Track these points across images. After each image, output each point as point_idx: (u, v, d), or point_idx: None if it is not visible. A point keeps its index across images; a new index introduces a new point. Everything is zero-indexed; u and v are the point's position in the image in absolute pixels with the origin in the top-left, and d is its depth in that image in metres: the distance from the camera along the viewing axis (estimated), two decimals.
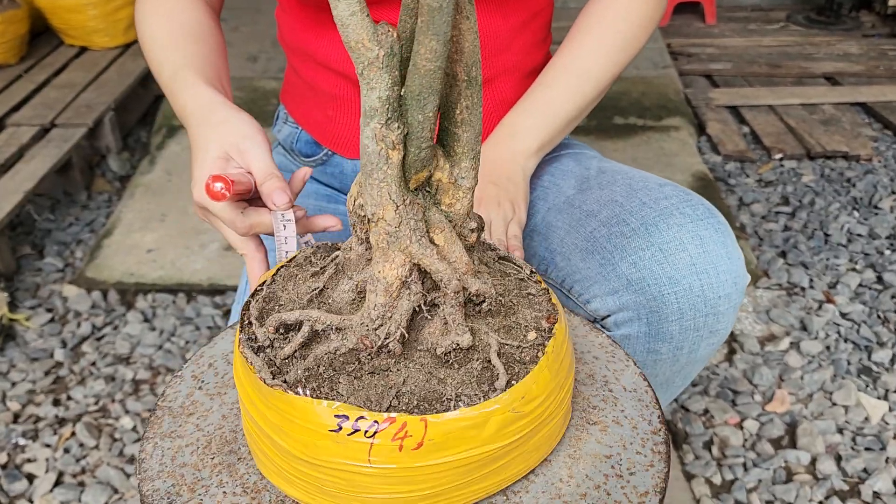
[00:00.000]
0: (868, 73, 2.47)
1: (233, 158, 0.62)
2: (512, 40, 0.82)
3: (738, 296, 0.66)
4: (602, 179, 0.77)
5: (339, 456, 0.41)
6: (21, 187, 1.64)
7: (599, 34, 0.79)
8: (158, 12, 0.79)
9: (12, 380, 1.34)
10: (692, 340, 0.67)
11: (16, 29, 2.20)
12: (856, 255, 1.65)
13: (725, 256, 0.65)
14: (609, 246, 0.68)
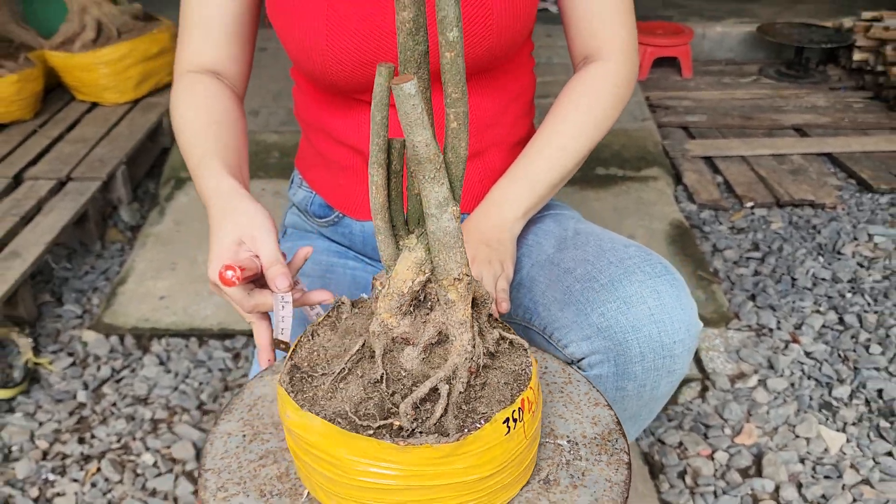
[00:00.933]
0: (834, 124, 2.63)
1: (245, 244, 0.73)
2: (500, 117, 0.95)
3: (691, 341, 0.79)
4: (577, 240, 0.89)
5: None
6: (42, 239, 1.76)
7: (576, 117, 0.92)
8: (191, 100, 0.90)
9: (39, 420, 1.45)
10: (653, 379, 0.79)
11: (31, 87, 2.33)
12: (820, 297, 1.79)
13: (679, 308, 0.77)
14: (582, 299, 0.80)
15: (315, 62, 0.86)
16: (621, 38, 0.93)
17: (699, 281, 1.82)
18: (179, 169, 2.28)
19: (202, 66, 0.93)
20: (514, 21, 0.86)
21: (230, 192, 0.78)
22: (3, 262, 1.67)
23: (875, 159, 2.38)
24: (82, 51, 2.37)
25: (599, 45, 0.93)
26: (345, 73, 0.85)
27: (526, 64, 0.99)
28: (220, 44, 0.92)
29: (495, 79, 0.92)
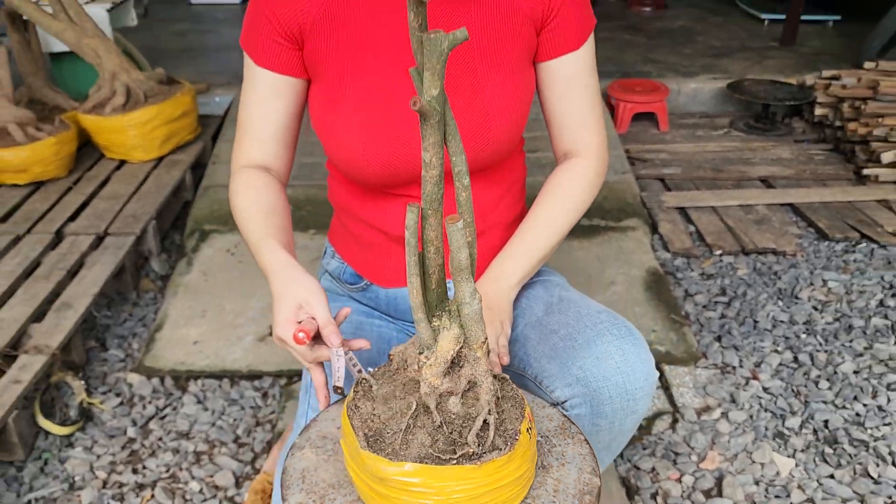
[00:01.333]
0: (797, 176, 2.89)
1: (303, 308, 0.95)
2: (497, 203, 1.19)
3: (649, 387, 1.02)
4: (561, 306, 1.13)
5: None
6: (89, 291, 1.98)
7: (559, 205, 1.15)
8: (248, 192, 1.11)
9: (97, 453, 1.66)
10: (620, 418, 1.02)
11: (67, 148, 2.56)
12: (778, 338, 2.02)
13: (640, 362, 1.00)
14: (564, 355, 1.04)
15: (351, 167, 1.09)
16: (595, 142, 1.17)
17: (672, 324, 2.06)
18: (203, 222, 2.51)
19: (255, 163, 1.15)
20: (512, 129, 1.10)
21: (288, 265, 1.01)
22: (57, 312, 1.89)
23: (832, 209, 2.64)
24: (113, 114, 2.60)
25: (578, 146, 1.17)
26: (376, 176, 1.09)
27: (519, 156, 1.23)
28: (269, 146, 1.15)
29: (495, 173, 1.16)
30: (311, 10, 1.05)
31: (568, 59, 1.11)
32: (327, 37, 1.05)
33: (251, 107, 1.12)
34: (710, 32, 4.49)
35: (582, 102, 1.15)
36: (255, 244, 1.06)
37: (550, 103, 1.15)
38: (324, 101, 1.08)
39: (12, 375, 1.66)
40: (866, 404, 1.78)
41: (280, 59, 1.08)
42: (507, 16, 1.06)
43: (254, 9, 1.08)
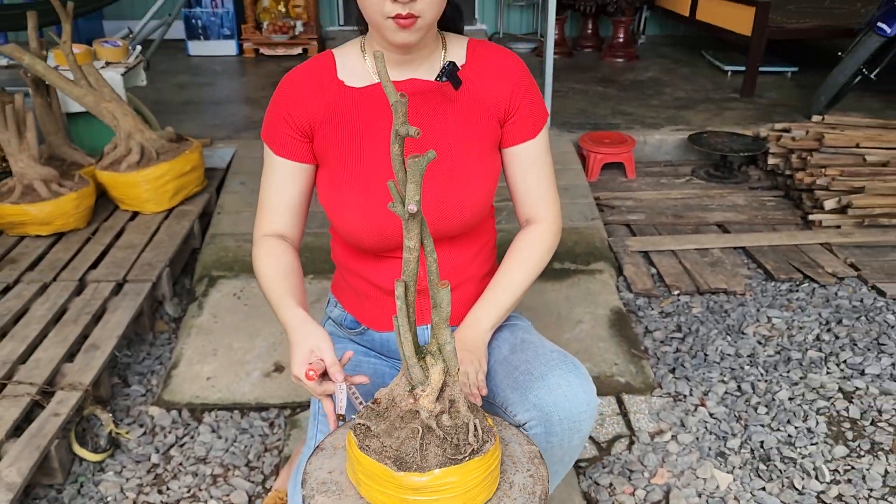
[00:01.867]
0: (750, 221, 3.19)
1: (314, 352, 1.21)
2: (471, 261, 1.45)
3: (591, 411, 1.27)
4: (523, 346, 1.39)
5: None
6: (113, 333, 2.23)
7: (523, 264, 1.39)
8: (268, 259, 1.36)
9: (125, 476, 1.89)
10: (568, 436, 1.27)
11: (87, 202, 2.82)
12: (725, 370, 2.29)
13: (582, 392, 1.26)
14: (524, 387, 1.29)
15: (351, 236, 1.36)
16: (553, 211, 1.43)
17: (632, 358, 2.32)
18: (210, 268, 2.76)
19: (273, 232, 1.41)
20: (481, 203, 1.37)
21: (303, 320, 1.27)
22: (87, 353, 2.13)
23: (779, 252, 2.93)
24: (128, 171, 2.87)
25: (537, 214, 1.43)
26: (370, 243, 1.35)
27: (489, 221, 1.49)
28: (285, 219, 1.41)
29: (469, 237, 1.43)
30: (319, 111, 1.32)
31: (526, 145, 1.39)
32: (332, 133, 1.33)
33: (271, 187, 1.39)
34: (676, 84, 4.83)
35: (539, 180, 1.42)
36: (275, 302, 1.32)
37: (514, 181, 1.43)
38: (329, 183, 1.35)
39: (52, 409, 1.90)
40: (797, 427, 2.04)
41: (294, 150, 1.35)
42: (477, 113, 1.34)
43: (273, 109, 1.36)
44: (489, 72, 1.35)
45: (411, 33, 1.21)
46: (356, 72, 1.33)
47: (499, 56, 1.37)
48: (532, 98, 1.38)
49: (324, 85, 1.32)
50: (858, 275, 2.78)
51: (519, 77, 1.36)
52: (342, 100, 1.32)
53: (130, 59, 3.42)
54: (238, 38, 5.72)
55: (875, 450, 1.97)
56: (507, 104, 1.35)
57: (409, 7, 1.17)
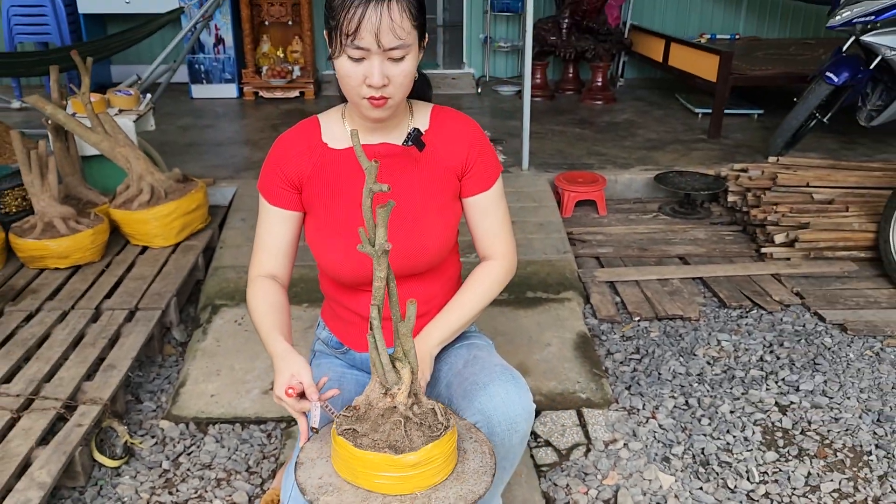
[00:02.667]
0: (708, 254, 3.48)
1: (294, 377, 1.37)
2: (437, 293, 1.71)
3: (526, 414, 1.52)
4: (474, 361, 1.64)
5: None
6: (128, 355, 2.49)
7: (477, 294, 1.65)
8: (260, 296, 1.56)
9: (140, 480, 2.15)
10: (508, 435, 1.51)
11: (101, 237, 3.10)
12: (675, 387, 2.56)
13: (518, 399, 1.51)
14: (471, 395, 1.54)
15: (334, 271, 1.62)
16: (506, 249, 1.69)
17: (593, 376, 2.59)
18: (214, 297, 3.04)
19: (266, 272, 1.61)
20: (443, 246, 1.64)
21: (287, 351, 1.45)
22: (104, 373, 2.39)
23: (733, 282, 3.21)
24: (139, 209, 3.15)
25: (495, 252, 1.69)
26: (350, 277, 1.61)
27: (453, 258, 1.76)
28: (277, 260, 1.61)
29: (434, 272, 1.68)
30: (306, 169, 1.58)
31: (482, 195, 1.65)
32: (318, 187, 1.59)
33: (265, 232, 1.61)
34: (649, 126, 5.16)
35: (495, 223, 1.68)
36: (264, 335, 1.53)
37: (472, 224, 1.69)
38: (314, 228, 1.61)
39: (75, 421, 2.16)
40: (735, 436, 2.31)
41: (286, 200, 1.60)
42: (438, 171, 1.61)
43: (268, 166, 1.61)
44: (449, 135, 1.62)
45: (383, 111, 1.48)
46: (337, 136, 1.61)
47: (457, 122, 1.64)
48: (485, 157, 1.64)
49: (311, 147, 1.60)
50: (803, 302, 3.07)
51: (473, 139, 1.63)
52: (326, 160, 1.59)
53: (141, 107, 3.72)
54: (239, 82, 6.05)
55: (802, 455, 2.23)
56: (464, 162, 1.62)
57: (381, 91, 1.43)
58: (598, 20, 5.80)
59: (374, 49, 1.39)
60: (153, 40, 5.52)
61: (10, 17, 5.57)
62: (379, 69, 1.41)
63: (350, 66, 1.43)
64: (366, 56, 1.41)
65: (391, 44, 1.39)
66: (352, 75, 1.43)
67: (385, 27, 1.38)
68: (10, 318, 2.69)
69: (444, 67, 6.93)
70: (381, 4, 1.37)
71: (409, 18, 1.41)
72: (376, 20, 1.37)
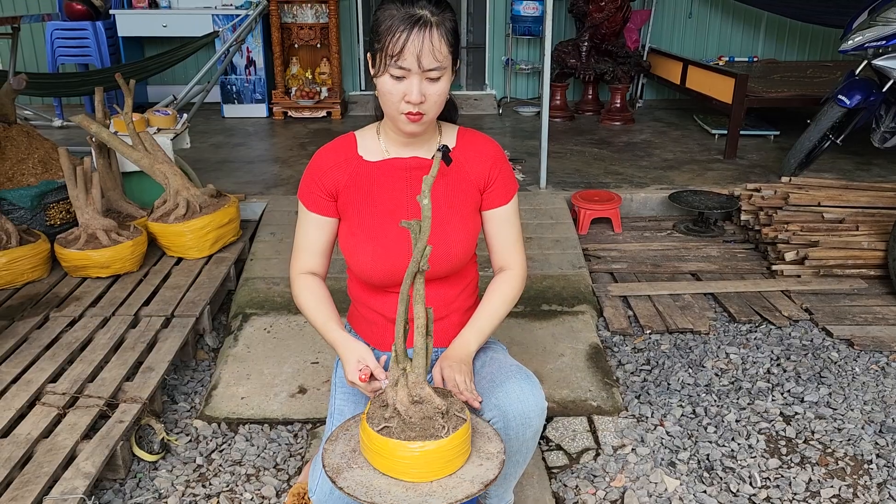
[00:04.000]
0: (720, 270, 3.58)
1: (360, 361, 1.59)
2: (456, 297, 1.86)
3: (539, 411, 1.65)
4: (490, 363, 1.78)
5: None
6: (165, 359, 2.65)
7: (500, 302, 1.79)
8: (307, 293, 1.75)
9: (176, 474, 2.30)
10: (522, 430, 1.64)
11: (140, 248, 3.28)
12: (683, 396, 2.67)
13: (532, 396, 1.64)
14: (488, 392, 1.67)
15: (364, 275, 1.78)
16: (520, 261, 1.84)
17: (604, 385, 2.70)
18: (244, 306, 3.20)
19: (307, 270, 1.79)
20: (465, 252, 1.78)
21: (347, 338, 1.65)
22: (143, 374, 2.55)
23: (743, 298, 3.31)
24: (175, 223, 3.33)
25: (511, 262, 1.83)
26: (381, 280, 1.77)
27: (472, 265, 1.91)
28: (316, 259, 1.79)
29: (455, 277, 1.84)
30: (343, 179, 1.75)
31: (500, 209, 1.81)
32: (353, 195, 1.75)
33: (305, 234, 1.79)
34: (666, 146, 5.27)
35: (511, 235, 1.83)
36: (321, 327, 1.72)
37: (491, 235, 1.84)
38: (347, 234, 1.78)
39: (116, 417, 2.32)
40: (740, 443, 2.41)
41: (323, 207, 1.77)
42: (463, 185, 1.77)
43: (308, 176, 1.78)
44: (473, 153, 1.78)
45: (418, 126, 1.64)
46: (372, 149, 1.77)
47: (481, 141, 1.81)
48: (505, 175, 1.81)
49: (348, 159, 1.76)
50: (811, 318, 3.16)
51: (496, 157, 1.80)
52: (361, 171, 1.75)
53: (178, 126, 3.92)
54: (268, 102, 6.27)
55: (804, 462, 2.33)
56: (487, 177, 1.78)
57: (418, 107, 1.60)
58: (617, 43, 5.95)
59: (415, 69, 1.56)
60: (188, 62, 5.76)
61: (53, 39, 5.84)
62: (418, 87, 1.58)
63: (392, 83, 1.59)
64: (406, 76, 1.58)
65: (430, 65, 1.57)
66: (393, 92, 1.60)
67: (426, 50, 1.55)
68: (55, 324, 2.86)
69: (466, 89, 7.11)
70: (424, 30, 1.55)
71: (446, 44, 1.59)
72: (419, 44, 1.55)
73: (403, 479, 1.42)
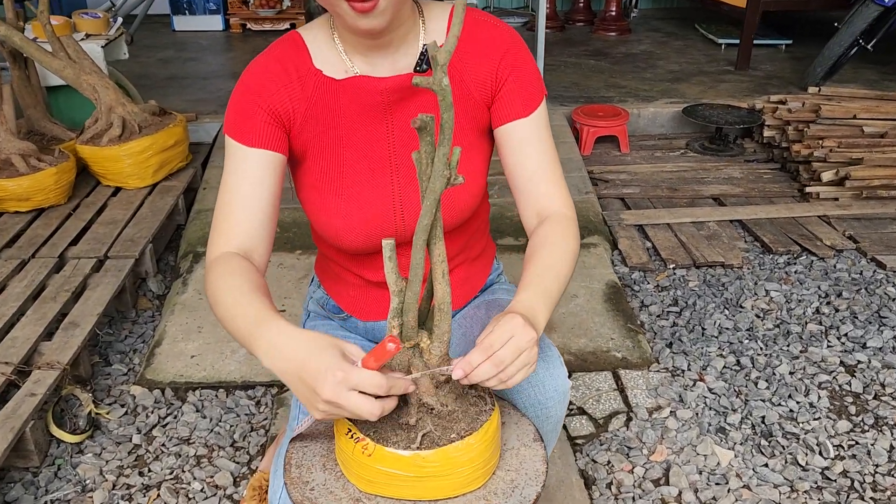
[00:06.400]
0: (746, 194, 3.13)
1: (346, 358, 0.91)
2: (465, 245, 1.34)
3: (560, 396, 1.17)
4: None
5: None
6: (94, 311, 2.15)
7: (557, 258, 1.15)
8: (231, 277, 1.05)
9: (105, 458, 1.83)
10: (538, 423, 1.18)
11: (67, 177, 2.73)
12: (723, 344, 2.24)
13: (549, 376, 1.17)
14: None
15: (336, 240, 1.23)
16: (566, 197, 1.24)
17: (628, 332, 2.26)
18: (195, 244, 2.69)
19: (237, 248, 1.12)
20: (474, 201, 1.26)
21: (315, 334, 0.94)
22: (65, 331, 2.06)
23: (776, 225, 2.87)
24: (109, 145, 2.78)
25: (550, 204, 1.23)
26: (353, 246, 1.23)
27: (482, 206, 1.39)
28: (254, 228, 1.13)
29: (460, 226, 1.33)
30: (300, 104, 1.17)
31: (519, 124, 1.21)
32: (314, 129, 1.19)
33: (237, 191, 1.13)
34: (669, 57, 4.75)
35: (541, 164, 1.22)
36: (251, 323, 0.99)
37: (510, 166, 1.23)
38: (308, 185, 1.23)
39: (27, 389, 1.83)
40: (799, 401, 1.99)
41: (272, 138, 1.15)
42: (462, 100, 1.21)
43: (243, 99, 1.15)
44: (473, 50, 1.21)
45: (373, 18, 1.05)
46: (331, 60, 1.19)
47: (485, 31, 1.22)
48: (523, 72, 1.22)
49: (301, 75, 1.17)
50: (857, 247, 2.73)
51: (506, 50, 1.21)
52: (322, 92, 1.18)
53: (111, 32, 3.31)
54: (224, 14, 5.60)
55: (879, 424, 1.92)
56: (494, 81, 1.21)
57: None
58: None
59: None
60: None
61: None
62: None
63: None
64: None
65: None
66: None
67: None
68: None
69: None
70: None
71: None
72: None
73: (396, 497, 0.98)
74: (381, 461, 0.96)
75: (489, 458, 1.00)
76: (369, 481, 0.98)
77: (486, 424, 0.99)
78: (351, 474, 1.00)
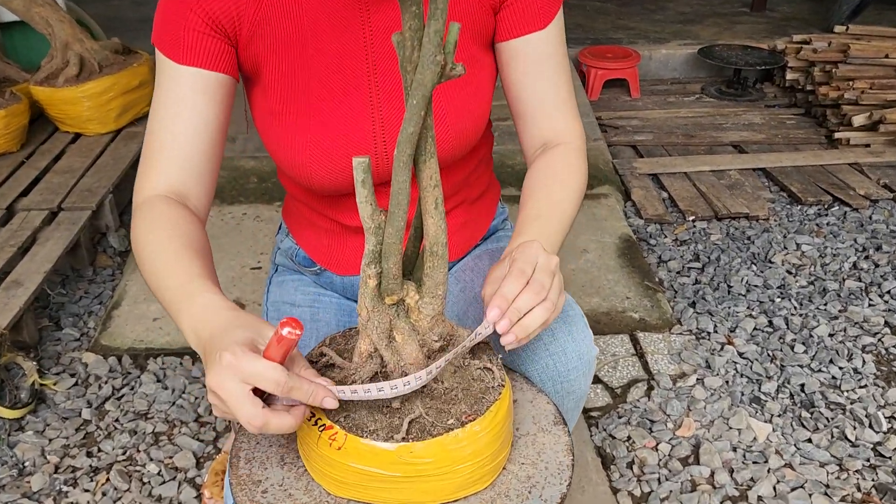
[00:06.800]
0: (768, 140, 2.86)
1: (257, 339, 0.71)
2: (464, 183, 1.09)
3: (584, 366, 0.94)
4: None
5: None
6: (41, 268, 1.89)
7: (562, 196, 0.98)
8: (158, 225, 0.86)
9: (49, 437, 1.58)
10: (559, 400, 0.94)
11: (18, 121, 2.45)
12: (752, 303, 1.99)
13: (571, 341, 0.93)
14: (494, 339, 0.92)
15: (301, 178, 0.98)
16: (577, 127, 1.04)
17: (645, 291, 2.02)
18: None
19: (170, 189, 0.90)
20: (477, 126, 1.00)
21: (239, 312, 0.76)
22: (6, 291, 1.80)
23: (804, 173, 2.61)
24: (66, 85, 2.49)
25: (559, 132, 1.03)
26: (324, 183, 0.97)
27: (485, 136, 1.13)
28: (192, 164, 0.91)
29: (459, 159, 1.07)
30: (247, 10, 0.91)
31: (534, 37, 0.99)
32: (266, 43, 0.93)
33: (170, 118, 0.90)
34: None
35: (553, 86, 1.01)
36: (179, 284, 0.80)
37: (517, 88, 1.01)
38: (265, 111, 0.97)
39: None
40: (842, 367, 1.76)
41: (211, 53, 0.91)
42: (461, 4, 0.95)
43: (175, 3, 0.90)
44: None
45: None
46: None
47: None
48: None
49: None
50: (894, 196, 2.48)
51: None
52: None
53: None
54: None
55: None
56: None
57: None
58: None
59: None
60: None
61: None
62: None
63: None
64: None
65: None
66: None
67: None
68: None
69: None
70: None
71: None
72: None
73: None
74: (355, 456, 0.72)
75: (498, 449, 0.76)
76: (339, 482, 0.74)
77: (495, 405, 0.74)
78: (316, 472, 0.76)
